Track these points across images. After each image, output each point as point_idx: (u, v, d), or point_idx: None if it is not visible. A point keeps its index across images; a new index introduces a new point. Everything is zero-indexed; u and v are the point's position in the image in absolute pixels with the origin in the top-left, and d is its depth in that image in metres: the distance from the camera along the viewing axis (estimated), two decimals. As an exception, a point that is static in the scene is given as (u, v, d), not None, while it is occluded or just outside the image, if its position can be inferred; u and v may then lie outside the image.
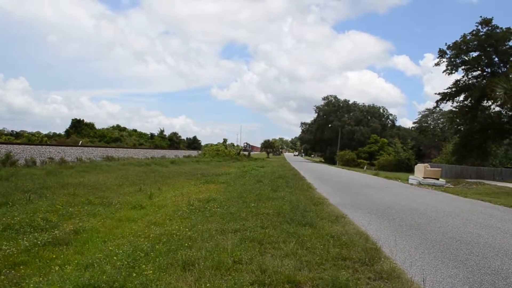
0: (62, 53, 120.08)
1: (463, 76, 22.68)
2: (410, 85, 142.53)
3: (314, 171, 21.67)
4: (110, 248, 3.89)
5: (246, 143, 58.76)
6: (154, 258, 3.53)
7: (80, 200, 6.57)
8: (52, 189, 7.48)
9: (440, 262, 3.83)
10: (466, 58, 21.91)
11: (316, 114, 56.38)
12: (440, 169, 15.17)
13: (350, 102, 55.47)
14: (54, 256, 3.66)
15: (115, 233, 4.61)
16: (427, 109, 49.49)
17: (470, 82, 22.45)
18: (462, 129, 23.68)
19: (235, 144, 69.98)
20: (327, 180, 14.94)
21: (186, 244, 3.91)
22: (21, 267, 3.38)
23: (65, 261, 3.52)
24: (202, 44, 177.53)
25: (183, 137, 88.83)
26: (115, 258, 3.50)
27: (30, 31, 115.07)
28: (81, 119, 46.47)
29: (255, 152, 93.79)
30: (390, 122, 54.17)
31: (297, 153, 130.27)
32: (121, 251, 3.71)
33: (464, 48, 21.58)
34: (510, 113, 20.26)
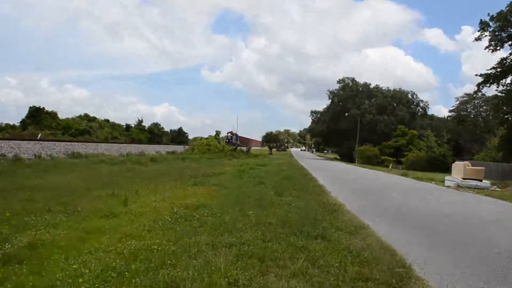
0: (17, 26, 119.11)
1: (510, 54, 22.48)
2: (445, 65, 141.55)
3: (327, 171, 21.68)
4: (74, 266, 3.84)
5: (231, 133, 55.87)
6: (129, 279, 3.48)
7: (38, 207, 6.52)
8: (2, 193, 7.42)
9: (486, 285, 3.78)
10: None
11: (330, 100, 56.42)
12: (483, 168, 15.06)
13: (371, 86, 55.43)
14: (2, 277, 3.61)
15: (81, 248, 4.55)
16: (466, 94, 48.96)
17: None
18: (510, 118, 23.57)
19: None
20: (344, 181, 14.92)
21: (169, 262, 3.88)
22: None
23: (18, 284, 3.47)
24: (189, 15, 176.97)
25: (166, 129, 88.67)
26: (80, 279, 3.46)
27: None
28: (41, 107, 46.29)
29: (255, 148, 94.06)
30: (420, 110, 54.16)
31: (305, 148, 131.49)
32: (88, 271, 3.67)
33: (512, 19, 21.38)
34: None
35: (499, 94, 23.49)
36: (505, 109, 23.65)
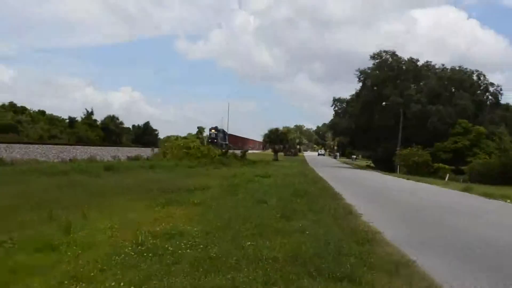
0: None
1: None
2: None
3: (356, 184, 21.69)
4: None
5: (216, 129, 57.93)
6: None
7: None
8: None
9: None
10: None
11: (361, 84, 56.54)
12: None
13: (420, 64, 55.50)
14: None
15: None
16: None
17: None
18: None
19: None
20: (380, 197, 14.93)
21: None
22: None
23: None
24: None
25: (128, 124, 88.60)
26: None
27: None
28: None
29: (254, 151, 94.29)
30: (490, 98, 54.17)
31: (323, 152, 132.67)
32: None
33: None
34: None
35: None
36: None
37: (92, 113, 64.16)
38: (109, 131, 63.41)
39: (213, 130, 59.10)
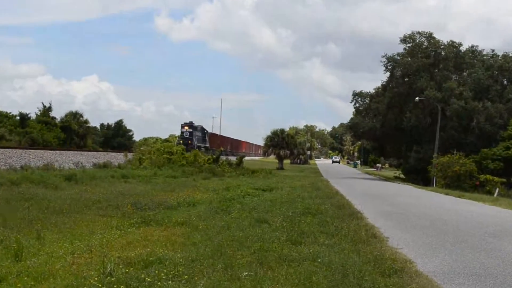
0: None
1: None
2: None
3: (381, 199, 21.69)
4: None
5: (189, 127, 58.54)
6: None
7: None
8: None
9: None
10: None
11: (388, 74, 56.43)
12: None
13: (463, 48, 55.46)
14: None
15: None
16: None
17: None
18: None
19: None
20: (411, 217, 14.94)
21: None
22: None
23: None
24: None
25: (95, 122, 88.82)
26: None
27: None
28: None
29: (253, 158, 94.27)
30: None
31: (338, 159, 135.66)
32: None
33: None
34: None
35: None
36: None
37: (49, 108, 64.05)
38: (71, 132, 63.29)
39: (186, 128, 58.77)
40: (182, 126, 59.66)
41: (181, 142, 54.44)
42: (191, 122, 60.69)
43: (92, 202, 14.48)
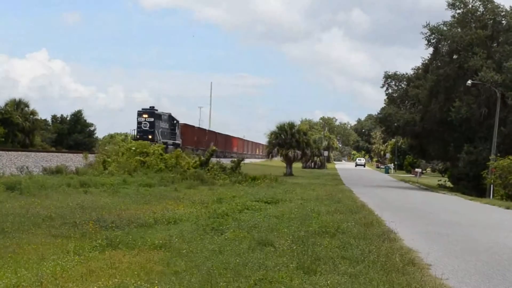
0: None
1: None
2: None
3: (420, 215, 21.73)
4: None
5: (148, 115, 55.51)
6: None
7: None
8: None
9: None
10: None
11: (432, 49, 56.13)
12: None
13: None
14: None
15: None
16: None
17: None
18: None
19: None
20: (461, 238, 14.97)
21: None
22: None
23: None
24: None
25: (45, 114, 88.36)
26: None
27: None
28: None
29: (252, 160, 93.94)
30: None
31: (362, 161, 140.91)
32: None
33: None
34: None
35: None
36: None
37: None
38: (13, 126, 63.27)
39: (145, 116, 55.83)
40: (139, 114, 56.34)
41: (138, 137, 52.08)
42: (152, 108, 57.96)
43: (42, 218, 14.43)
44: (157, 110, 58.33)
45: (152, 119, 55.04)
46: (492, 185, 42.81)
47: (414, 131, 57.86)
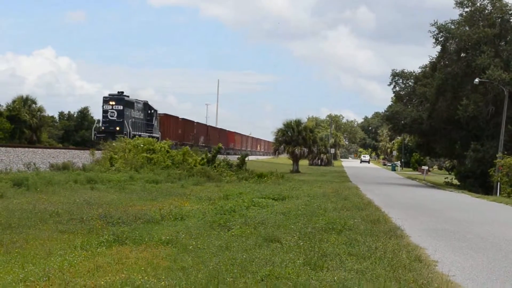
0: None
1: None
2: None
3: (428, 212, 21.74)
4: None
5: (115, 101, 48.24)
6: None
7: None
8: None
9: None
10: None
11: (439, 48, 55.97)
12: None
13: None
14: None
15: None
16: None
17: None
18: None
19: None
20: (467, 234, 15.00)
21: None
22: None
23: None
24: None
25: (51, 111, 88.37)
26: None
27: None
28: None
29: (259, 158, 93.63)
30: None
31: (367, 158, 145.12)
32: None
33: None
34: None
35: None
36: None
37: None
38: (20, 123, 63.44)
39: (112, 103, 48.27)
40: (105, 101, 48.91)
41: (103, 128, 48.08)
42: (121, 94, 50.46)
43: (49, 214, 14.48)
44: (128, 96, 51.69)
45: (120, 107, 48.05)
46: (499, 183, 42.78)
47: (421, 129, 57.77)
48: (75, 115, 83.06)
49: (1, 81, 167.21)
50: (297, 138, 60.56)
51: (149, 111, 56.26)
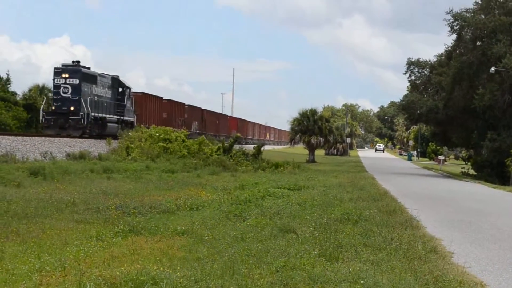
0: None
1: None
2: None
3: (444, 203, 21.68)
4: None
5: (71, 73, 38.21)
6: None
7: None
8: None
9: None
10: None
11: (455, 36, 55.58)
12: None
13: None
14: None
15: None
16: None
17: None
18: None
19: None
20: (485, 226, 14.93)
21: None
22: None
23: None
24: None
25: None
26: None
27: None
28: None
29: (275, 147, 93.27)
30: None
31: (381, 147, 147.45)
32: None
33: None
34: None
35: None
36: None
37: (7, 80, 64.57)
38: (37, 111, 63.36)
39: (65, 76, 38.33)
40: (57, 73, 38.97)
41: (53, 108, 39.31)
42: (77, 64, 40.40)
43: (65, 204, 14.55)
44: (88, 67, 41.78)
45: (76, 81, 38.31)
46: (512, 172, 42.63)
47: (437, 118, 57.41)
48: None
49: (16, 69, 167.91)
50: (313, 128, 60.34)
51: (119, 89, 46.33)
